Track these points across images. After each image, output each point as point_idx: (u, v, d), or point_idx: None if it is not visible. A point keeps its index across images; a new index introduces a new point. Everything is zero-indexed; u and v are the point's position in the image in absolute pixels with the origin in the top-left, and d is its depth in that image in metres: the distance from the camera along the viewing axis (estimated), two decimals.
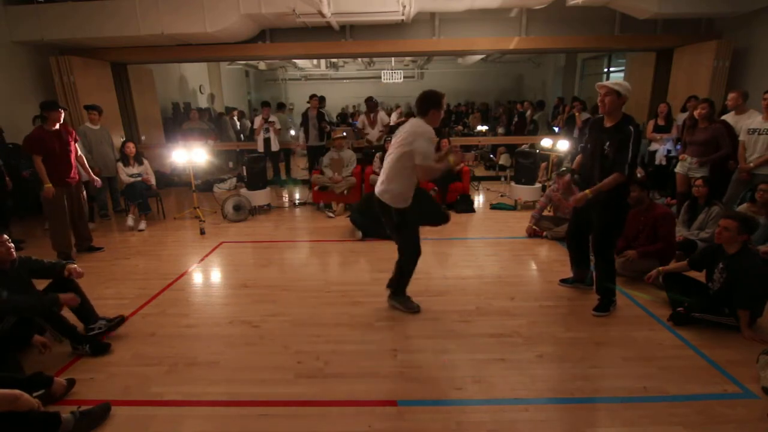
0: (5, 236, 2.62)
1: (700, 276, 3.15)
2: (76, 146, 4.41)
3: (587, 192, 2.84)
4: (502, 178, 7.98)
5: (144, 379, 2.47)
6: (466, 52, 9.38)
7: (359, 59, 13.09)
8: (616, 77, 10.22)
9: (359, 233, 4.86)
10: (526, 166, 6.00)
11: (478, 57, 11.95)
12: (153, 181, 5.75)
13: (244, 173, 5.95)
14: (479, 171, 8.76)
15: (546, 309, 3.19)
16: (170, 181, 8.01)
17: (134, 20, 5.85)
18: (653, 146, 5.86)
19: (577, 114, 6.99)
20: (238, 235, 5.14)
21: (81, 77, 6.40)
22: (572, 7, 5.84)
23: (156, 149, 7.80)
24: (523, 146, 6.54)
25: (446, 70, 15.79)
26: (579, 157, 3.22)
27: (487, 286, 3.60)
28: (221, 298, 3.57)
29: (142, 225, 5.41)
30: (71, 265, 2.82)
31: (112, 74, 7.18)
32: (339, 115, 14.52)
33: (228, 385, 2.40)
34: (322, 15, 5.62)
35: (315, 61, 12.93)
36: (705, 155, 4.41)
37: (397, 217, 2.84)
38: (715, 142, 4.34)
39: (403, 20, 6.22)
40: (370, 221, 4.84)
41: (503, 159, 8.35)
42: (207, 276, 4.05)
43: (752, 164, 4.09)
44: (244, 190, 5.95)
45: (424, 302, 3.23)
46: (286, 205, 6.65)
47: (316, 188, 6.04)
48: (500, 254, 4.36)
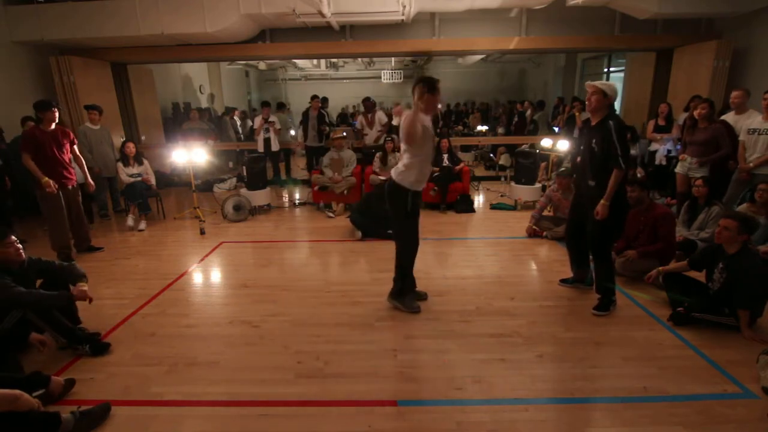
0: (14, 237, 2.62)
1: (700, 276, 3.15)
2: (74, 148, 4.37)
3: (604, 202, 2.87)
4: (502, 178, 7.98)
5: (144, 379, 2.47)
6: (466, 52, 9.38)
7: (359, 59, 13.09)
8: (616, 77, 10.23)
9: (359, 233, 4.87)
10: (526, 166, 6.01)
11: (478, 57, 11.96)
12: (153, 181, 5.75)
13: (244, 173, 5.95)
14: (479, 171, 8.76)
15: (546, 309, 3.19)
16: (170, 181, 8.01)
17: (134, 20, 5.86)
18: (654, 146, 5.85)
19: (577, 114, 6.96)
20: (238, 235, 5.14)
21: (81, 77, 6.41)
22: (572, 7, 5.85)
23: (156, 149, 7.81)
24: (523, 146, 6.55)
25: (446, 70, 15.80)
26: (578, 159, 3.24)
27: (487, 286, 3.60)
28: (221, 298, 3.57)
29: (142, 225, 5.41)
30: (82, 287, 2.72)
31: (112, 74, 7.18)
32: (339, 116, 14.53)
33: (228, 385, 2.40)
34: (322, 15, 5.62)
35: (315, 61, 12.93)
36: (705, 155, 4.41)
37: (411, 199, 2.88)
38: (715, 142, 4.34)
39: (403, 20, 6.22)
40: (370, 221, 4.85)
41: (503, 159, 8.35)
42: (207, 276, 4.05)
43: (752, 164, 4.09)
44: (244, 190, 5.95)
45: (424, 302, 3.24)
46: (286, 205, 6.65)
47: (316, 188, 6.04)
48: (500, 254, 4.36)
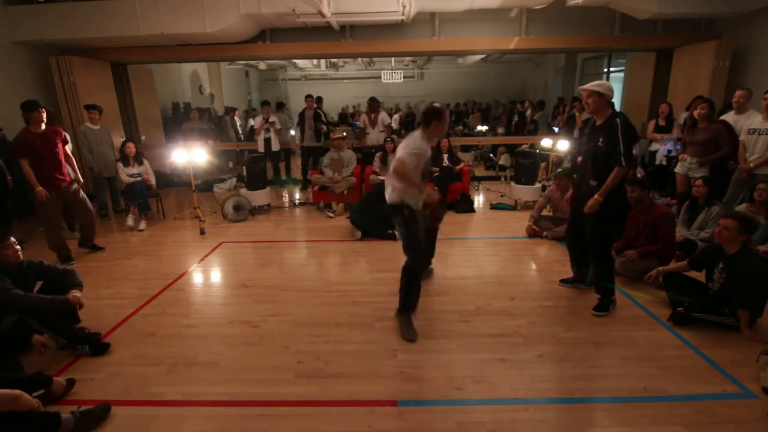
0: (12, 239, 2.62)
1: (700, 276, 3.15)
2: (66, 147, 4.30)
3: (597, 197, 2.86)
4: (502, 178, 7.98)
5: (144, 379, 2.47)
6: (466, 52, 9.38)
7: (359, 59, 13.10)
8: (616, 77, 10.23)
9: (359, 233, 4.87)
10: (526, 166, 6.01)
11: (478, 57, 11.96)
12: (153, 181, 5.75)
13: (244, 173, 5.96)
14: (479, 171, 8.76)
15: (546, 309, 3.19)
16: (170, 181, 8.01)
17: (134, 20, 5.85)
18: (654, 146, 5.85)
19: (577, 114, 6.97)
20: (238, 235, 5.14)
21: (81, 77, 6.41)
22: (572, 7, 5.84)
23: (156, 149, 7.80)
24: (523, 146, 6.55)
25: (446, 70, 15.81)
26: (579, 159, 3.23)
27: (487, 286, 3.60)
28: (221, 298, 3.57)
29: (142, 225, 5.41)
30: (76, 294, 2.70)
31: (112, 74, 7.18)
32: (339, 115, 14.54)
33: (228, 385, 2.40)
34: (322, 15, 5.62)
35: (315, 61, 12.93)
36: (705, 155, 4.41)
37: (407, 210, 2.87)
38: (715, 142, 4.34)
39: (403, 20, 6.22)
40: (370, 221, 4.85)
41: (503, 159, 8.35)
42: (207, 276, 4.05)
43: (752, 164, 4.09)
44: (244, 190, 5.95)
45: (424, 302, 3.21)
46: (286, 205, 6.65)
47: (316, 188, 6.04)
48: (500, 254, 4.36)
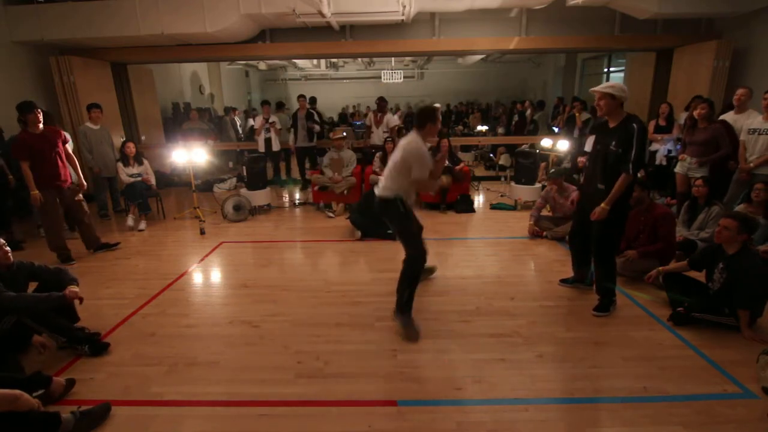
0: (2, 240, 2.63)
1: (700, 276, 3.15)
2: (67, 147, 4.27)
3: (604, 206, 2.84)
4: (502, 178, 7.98)
5: (144, 379, 2.47)
6: (466, 52, 9.38)
7: (359, 59, 13.10)
8: (616, 77, 10.22)
9: (359, 233, 4.87)
10: (526, 166, 6.01)
11: (478, 57, 11.96)
12: (153, 181, 5.75)
13: (244, 173, 5.96)
14: (479, 171, 8.76)
15: (546, 309, 3.19)
16: (170, 181, 8.01)
17: (134, 20, 5.85)
18: (654, 146, 5.85)
19: (577, 114, 6.99)
20: (238, 235, 5.14)
21: (81, 77, 6.41)
22: (572, 7, 5.85)
23: (156, 149, 7.80)
24: (523, 146, 6.55)
25: (446, 70, 15.81)
26: (582, 159, 3.23)
27: (487, 286, 3.60)
28: (221, 298, 3.57)
29: (142, 225, 5.41)
30: (73, 289, 2.69)
31: (112, 74, 7.18)
32: (339, 115, 14.53)
33: (228, 385, 2.40)
34: (322, 15, 5.62)
35: (315, 61, 12.93)
36: (705, 155, 4.41)
37: (401, 206, 2.87)
38: (714, 142, 4.34)
39: (403, 20, 6.22)
40: (369, 221, 4.85)
41: (503, 159, 8.34)
42: (207, 276, 4.05)
43: (752, 164, 4.09)
44: (244, 190, 5.95)
45: (424, 302, 3.23)
46: (286, 205, 6.65)
47: (316, 188, 6.04)
48: (500, 254, 4.36)
